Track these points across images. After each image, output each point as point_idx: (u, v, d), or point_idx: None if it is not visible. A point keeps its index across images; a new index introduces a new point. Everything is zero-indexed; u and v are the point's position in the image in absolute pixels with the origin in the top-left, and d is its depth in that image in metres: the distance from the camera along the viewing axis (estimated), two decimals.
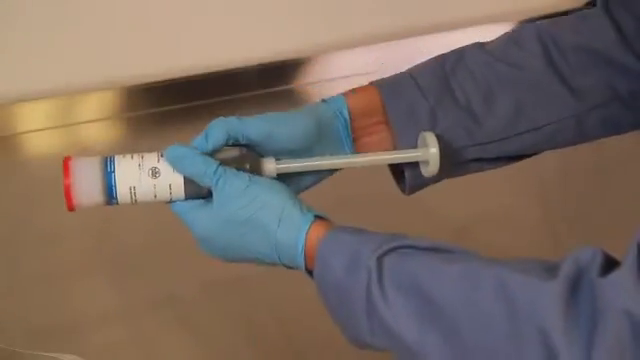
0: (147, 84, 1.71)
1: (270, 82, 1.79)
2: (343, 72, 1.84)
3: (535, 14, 2.00)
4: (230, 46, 1.78)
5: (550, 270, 0.69)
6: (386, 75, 0.97)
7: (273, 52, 1.80)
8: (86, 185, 0.86)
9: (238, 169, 0.85)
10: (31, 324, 1.22)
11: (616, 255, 0.69)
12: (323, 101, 0.94)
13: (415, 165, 0.92)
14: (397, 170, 0.96)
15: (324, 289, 0.80)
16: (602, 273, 0.67)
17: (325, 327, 0.85)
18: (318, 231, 0.82)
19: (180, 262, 1.24)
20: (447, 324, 0.72)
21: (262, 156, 0.88)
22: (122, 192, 0.86)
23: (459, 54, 0.96)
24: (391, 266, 0.76)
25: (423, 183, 0.95)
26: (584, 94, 0.94)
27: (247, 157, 0.87)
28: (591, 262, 0.68)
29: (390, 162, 0.92)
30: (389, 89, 0.94)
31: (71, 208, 0.86)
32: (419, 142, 0.91)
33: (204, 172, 0.84)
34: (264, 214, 0.82)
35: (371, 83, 0.95)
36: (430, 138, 0.89)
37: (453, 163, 0.93)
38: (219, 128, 0.87)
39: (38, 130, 1.65)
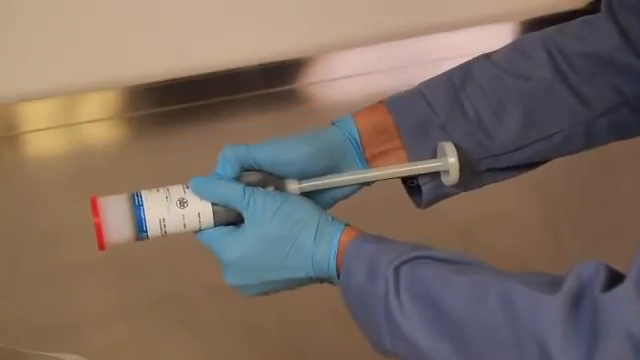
0: (149, 84, 1.71)
1: (271, 82, 1.79)
2: (344, 72, 1.84)
3: (536, 14, 2.01)
4: (231, 46, 1.78)
5: (555, 284, 0.69)
6: (387, 76, 0.97)
7: (274, 52, 1.80)
8: (116, 222, 0.85)
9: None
10: (33, 324, 1.22)
11: (619, 264, 0.69)
12: (332, 123, 0.94)
13: (431, 178, 0.93)
14: (411, 184, 0.96)
15: (348, 295, 0.82)
16: (605, 288, 0.67)
17: (327, 329, 0.85)
18: (347, 239, 0.83)
19: (183, 263, 1.24)
20: (458, 334, 0.73)
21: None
22: (152, 225, 0.85)
23: (466, 68, 0.96)
24: (407, 276, 0.78)
25: (440, 196, 0.95)
26: (592, 100, 0.94)
27: (270, 179, 0.88)
28: (594, 277, 0.68)
29: (411, 174, 0.92)
30: (399, 106, 0.94)
31: (102, 247, 0.85)
32: (438, 152, 0.91)
33: (233, 194, 0.84)
34: (300, 229, 0.83)
35: (380, 102, 0.95)
36: (449, 148, 0.89)
37: (469, 175, 0.93)
38: (231, 155, 0.87)
39: (40, 130, 1.65)
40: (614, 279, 0.68)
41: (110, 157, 1.61)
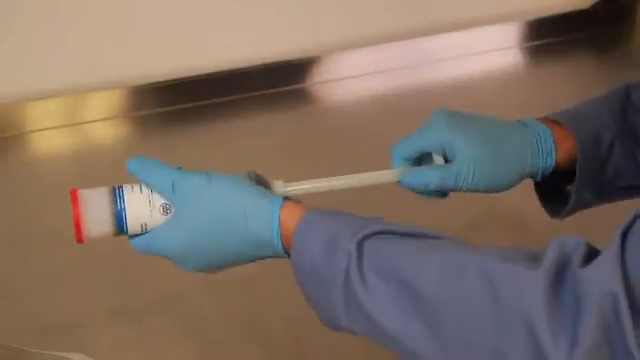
0: (154, 84, 1.72)
1: (276, 82, 1.79)
2: (349, 72, 1.84)
3: (540, 14, 2.01)
4: (236, 46, 1.78)
5: (534, 259, 0.69)
6: (391, 75, 0.97)
7: (279, 52, 1.81)
8: (96, 217, 0.84)
9: None
10: (39, 323, 1.22)
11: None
12: (531, 135, 0.93)
13: (583, 189, 0.94)
14: (551, 192, 0.98)
15: (300, 271, 0.79)
16: (584, 263, 0.67)
17: None
18: (292, 214, 0.81)
19: None
20: (429, 313, 0.71)
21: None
22: (133, 227, 0.84)
23: (626, 92, 0.97)
24: (371, 251, 0.75)
25: (581, 206, 0.96)
26: None
27: (258, 180, 0.86)
28: (574, 252, 0.68)
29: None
30: (576, 122, 0.94)
31: (81, 241, 0.85)
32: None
33: (161, 180, 0.83)
34: (231, 212, 0.81)
35: (559, 120, 0.95)
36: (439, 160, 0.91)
37: (611, 189, 0.95)
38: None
39: (45, 129, 1.65)
40: (592, 255, 0.68)
41: (115, 156, 1.61)
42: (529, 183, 0.96)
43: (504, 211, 1.27)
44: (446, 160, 0.91)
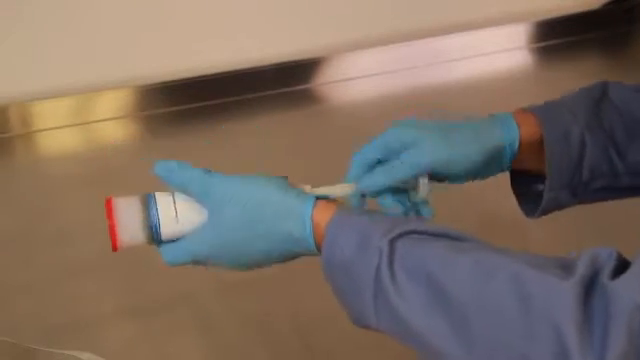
0: (163, 83, 1.72)
1: (286, 82, 1.79)
2: (358, 72, 1.84)
3: (549, 15, 2.01)
4: (245, 46, 1.78)
5: (565, 268, 0.69)
6: (399, 76, 0.97)
7: (288, 52, 1.81)
8: (131, 226, 0.84)
9: None
10: (48, 321, 1.22)
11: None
12: (491, 116, 0.94)
13: (554, 188, 0.93)
14: (526, 192, 0.97)
15: (331, 268, 0.79)
16: (614, 275, 0.67)
17: (341, 328, 0.85)
18: (324, 212, 0.81)
19: None
20: (456, 313, 0.71)
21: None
22: (167, 235, 0.85)
23: (603, 87, 0.96)
24: (403, 250, 0.76)
25: (556, 206, 0.95)
26: None
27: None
28: (605, 264, 0.68)
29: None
30: (546, 115, 0.94)
31: (115, 249, 0.85)
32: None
33: (192, 182, 0.84)
34: (264, 212, 0.82)
35: (527, 109, 0.95)
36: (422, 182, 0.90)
37: (584, 191, 0.94)
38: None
39: (55, 128, 1.66)
40: (623, 266, 0.68)
41: (124, 155, 1.61)
42: None
43: (503, 214, 1.27)
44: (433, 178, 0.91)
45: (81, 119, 1.68)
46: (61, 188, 1.49)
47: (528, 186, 0.97)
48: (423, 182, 0.90)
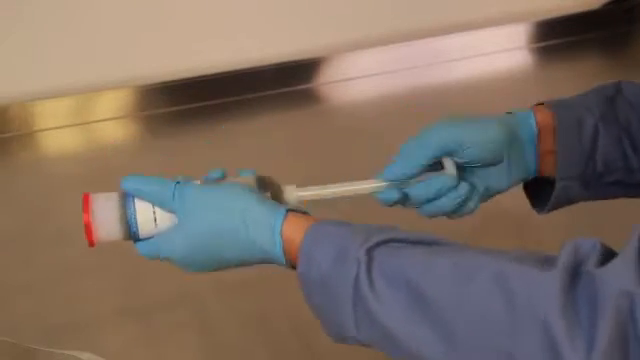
0: (163, 83, 1.72)
1: (286, 82, 1.79)
2: (358, 72, 1.84)
3: (550, 15, 2.01)
4: (245, 46, 1.78)
5: (546, 261, 0.68)
6: (399, 76, 0.97)
7: (288, 52, 1.81)
8: (107, 222, 0.86)
9: None
10: (48, 321, 1.22)
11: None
12: (509, 113, 0.94)
13: (565, 177, 0.93)
14: (537, 189, 0.97)
15: (308, 283, 0.79)
16: (599, 264, 0.67)
17: None
18: (297, 227, 0.81)
19: None
20: (437, 317, 0.71)
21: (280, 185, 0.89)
22: (143, 232, 0.86)
23: (616, 85, 0.96)
24: (380, 258, 0.75)
25: (566, 201, 0.95)
26: None
27: (268, 184, 0.87)
28: (590, 253, 0.67)
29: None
30: (559, 104, 0.94)
31: (92, 244, 0.86)
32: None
33: (163, 192, 0.85)
34: (231, 220, 0.82)
35: (541, 104, 0.95)
36: (448, 163, 0.90)
37: (597, 185, 0.94)
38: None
39: (55, 128, 1.66)
40: (608, 256, 0.68)
41: (124, 155, 1.61)
42: None
43: (504, 212, 1.27)
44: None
45: (81, 119, 1.68)
46: (61, 188, 1.49)
47: (541, 186, 0.97)
48: (447, 161, 0.90)
